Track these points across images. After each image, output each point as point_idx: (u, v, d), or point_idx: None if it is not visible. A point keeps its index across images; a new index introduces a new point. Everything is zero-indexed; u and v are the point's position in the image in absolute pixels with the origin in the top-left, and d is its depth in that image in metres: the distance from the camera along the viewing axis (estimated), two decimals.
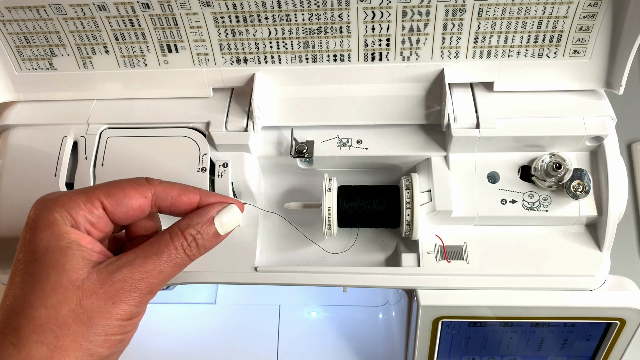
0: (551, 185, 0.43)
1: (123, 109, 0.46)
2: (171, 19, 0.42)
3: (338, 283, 0.44)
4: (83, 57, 0.45)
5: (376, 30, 0.42)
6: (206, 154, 0.43)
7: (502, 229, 0.44)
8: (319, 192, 0.45)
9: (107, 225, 0.33)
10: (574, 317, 0.44)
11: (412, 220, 0.42)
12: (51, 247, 0.30)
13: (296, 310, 0.68)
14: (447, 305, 0.43)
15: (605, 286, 0.43)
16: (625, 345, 0.45)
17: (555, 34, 0.42)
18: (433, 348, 0.47)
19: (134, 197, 0.33)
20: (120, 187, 0.33)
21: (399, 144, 0.45)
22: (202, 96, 0.46)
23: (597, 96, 0.44)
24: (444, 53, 0.43)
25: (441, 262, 0.43)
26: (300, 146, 0.44)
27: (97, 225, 0.32)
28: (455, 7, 0.40)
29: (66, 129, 0.45)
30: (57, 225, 0.31)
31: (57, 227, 0.31)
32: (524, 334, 0.47)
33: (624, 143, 0.78)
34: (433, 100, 0.44)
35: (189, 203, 0.35)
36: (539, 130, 0.42)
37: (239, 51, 0.44)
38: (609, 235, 0.42)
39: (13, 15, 0.42)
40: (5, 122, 0.46)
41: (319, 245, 0.46)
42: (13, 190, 0.43)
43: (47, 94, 0.47)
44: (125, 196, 0.33)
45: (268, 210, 0.46)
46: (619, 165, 0.43)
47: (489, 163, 0.44)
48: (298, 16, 0.41)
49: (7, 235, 0.43)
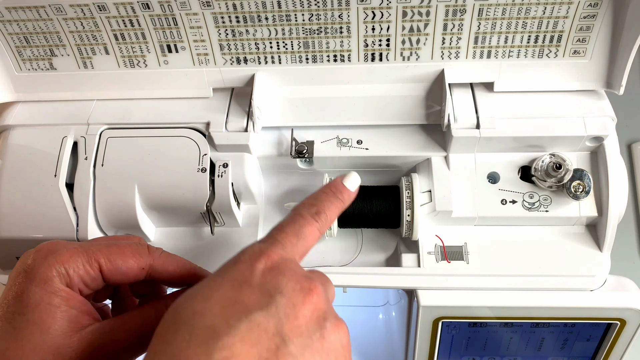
0: (551, 186, 0.43)
1: (123, 109, 0.46)
2: (171, 19, 0.42)
3: (338, 283, 0.44)
4: (83, 57, 0.45)
5: (376, 31, 0.42)
6: (206, 154, 0.43)
7: (503, 229, 0.44)
8: None
9: (99, 284, 0.33)
10: (574, 317, 0.44)
11: (412, 220, 0.42)
12: (42, 304, 0.30)
13: None
14: (447, 306, 0.43)
15: (606, 286, 0.43)
16: (626, 345, 0.45)
17: (555, 34, 0.42)
18: (433, 348, 0.47)
19: (132, 267, 0.33)
20: (122, 254, 0.33)
21: (399, 144, 0.45)
22: (202, 96, 0.46)
23: (597, 96, 0.44)
24: (444, 53, 0.43)
25: (441, 262, 0.43)
26: (301, 146, 0.44)
27: (90, 285, 0.33)
28: (456, 7, 0.40)
29: (66, 129, 0.45)
30: (52, 283, 0.31)
31: (52, 285, 0.30)
32: (524, 334, 0.47)
33: (624, 143, 0.78)
34: (433, 100, 0.44)
35: (184, 282, 0.35)
36: (539, 131, 0.42)
37: (239, 51, 0.44)
38: (609, 235, 0.42)
39: (13, 16, 0.42)
40: (5, 122, 0.46)
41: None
42: (13, 190, 0.43)
43: (47, 94, 0.47)
44: (124, 264, 0.33)
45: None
46: (619, 165, 0.43)
47: (489, 163, 0.44)
48: (298, 16, 0.41)
49: (7, 236, 0.43)
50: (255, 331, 0.25)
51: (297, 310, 0.26)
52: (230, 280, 0.27)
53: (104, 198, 0.43)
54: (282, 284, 0.27)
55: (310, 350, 0.26)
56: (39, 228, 0.43)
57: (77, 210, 0.43)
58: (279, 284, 0.27)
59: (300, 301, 0.27)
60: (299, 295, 0.27)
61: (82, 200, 0.43)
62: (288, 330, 0.25)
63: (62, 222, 0.43)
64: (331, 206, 0.34)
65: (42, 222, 0.43)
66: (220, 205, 0.43)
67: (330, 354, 0.27)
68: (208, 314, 0.25)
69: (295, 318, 0.26)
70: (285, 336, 0.25)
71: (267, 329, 0.25)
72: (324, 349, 0.26)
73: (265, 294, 0.26)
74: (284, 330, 0.25)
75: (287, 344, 0.25)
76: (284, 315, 0.26)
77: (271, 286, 0.27)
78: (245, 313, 0.25)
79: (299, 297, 0.27)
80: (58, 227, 0.43)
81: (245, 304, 0.26)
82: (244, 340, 0.24)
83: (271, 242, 0.30)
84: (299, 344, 0.25)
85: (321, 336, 0.27)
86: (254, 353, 0.24)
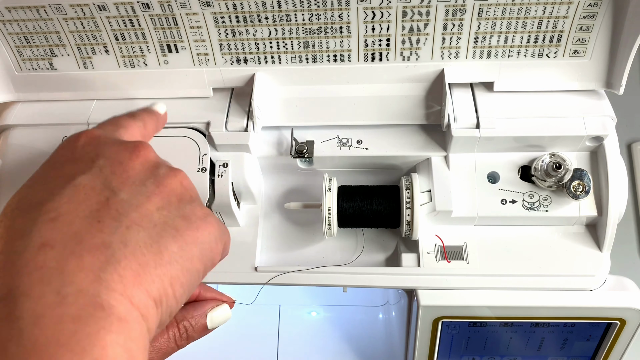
0: (551, 186, 0.43)
1: (123, 109, 0.46)
2: (171, 19, 0.42)
3: (338, 283, 0.44)
4: (83, 57, 0.45)
5: (376, 31, 0.42)
6: (206, 154, 0.43)
7: (502, 229, 0.44)
8: (319, 192, 0.45)
9: None
10: (574, 317, 0.44)
11: (412, 220, 0.42)
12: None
13: (296, 310, 0.68)
14: (447, 306, 0.43)
15: (606, 286, 0.43)
16: (625, 345, 0.45)
17: (555, 34, 0.42)
18: (433, 348, 0.47)
19: None
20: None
21: (399, 144, 0.45)
22: (202, 96, 0.46)
23: (597, 96, 0.44)
24: (444, 53, 0.43)
25: (441, 262, 0.43)
26: (300, 146, 0.44)
27: None
28: (455, 7, 0.40)
29: (66, 129, 0.45)
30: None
31: None
32: (524, 334, 0.47)
33: (624, 143, 0.78)
34: (433, 100, 0.44)
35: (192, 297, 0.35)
36: (539, 130, 0.42)
37: (239, 51, 0.44)
38: (609, 235, 0.42)
39: (13, 15, 0.42)
40: (5, 122, 0.46)
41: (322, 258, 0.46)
42: (13, 190, 0.43)
43: (47, 94, 0.47)
44: None
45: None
46: (619, 165, 0.43)
47: (489, 163, 0.44)
48: (298, 16, 0.41)
49: None
50: (81, 192, 0.24)
51: (125, 165, 0.26)
52: (51, 163, 0.27)
53: None
54: (105, 150, 0.27)
55: (145, 194, 0.25)
56: None
57: None
58: (101, 151, 0.27)
59: (127, 157, 0.27)
60: (124, 153, 0.27)
61: None
62: (117, 183, 0.25)
63: None
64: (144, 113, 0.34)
65: None
66: (220, 205, 0.43)
67: (171, 194, 0.26)
68: (31, 194, 0.25)
69: (124, 171, 0.26)
70: (114, 188, 0.25)
71: (94, 187, 0.25)
72: (161, 192, 0.26)
73: (88, 162, 0.26)
74: (113, 183, 0.25)
75: (118, 193, 0.25)
76: (110, 172, 0.25)
77: (93, 154, 0.26)
78: (69, 180, 0.25)
79: (125, 154, 0.27)
80: None
81: (68, 174, 0.25)
82: (70, 200, 0.24)
83: (88, 129, 0.29)
84: (130, 192, 0.25)
85: (155, 181, 0.26)
86: (82, 209, 0.24)
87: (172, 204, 0.26)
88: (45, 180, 0.26)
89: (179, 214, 0.26)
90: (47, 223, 0.23)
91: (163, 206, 0.26)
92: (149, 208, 0.25)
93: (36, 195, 0.25)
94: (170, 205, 0.26)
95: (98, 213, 0.24)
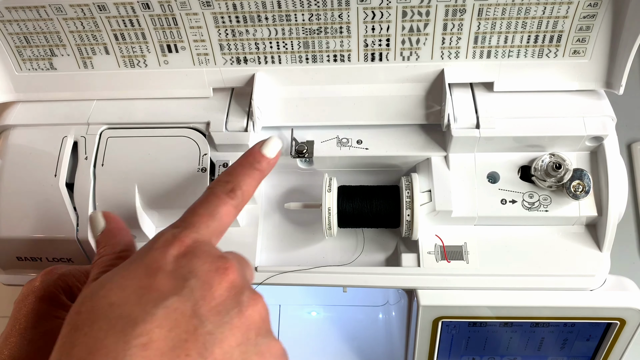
0: (551, 186, 0.43)
1: (123, 109, 0.46)
2: (171, 19, 0.42)
3: (338, 283, 0.44)
4: (83, 57, 0.45)
5: (376, 31, 0.42)
6: (206, 154, 0.43)
7: (502, 229, 0.44)
8: (319, 192, 0.45)
9: None
10: (574, 317, 0.44)
11: (412, 220, 0.42)
12: (51, 317, 0.33)
13: (296, 310, 0.68)
14: (447, 305, 0.43)
15: (605, 286, 0.43)
16: (625, 345, 0.45)
17: (555, 34, 0.42)
18: (433, 348, 0.47)
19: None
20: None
21: (399, 144, 0.45)
22: (202, 96, 0.46)
23: (597, 96, 0.44)
24: (444, 53, 0.43)
25: (441, 262, 0.43)
26: (300, 146, 0.44)
27: None
28: (455, 7, 0.40)
29: (66, 129, 0.45)
30: (58, 299, 0.34)
31: (58, 300, 0.34)
32: (524, 334, 0.47)
33: (624, 143, 0.78)
34: (433, 100, 0.44)
35: None
36: (539, 130, 0.42)
37: (239, 51, 0.44)
38: (609, 235, 0.42)
39: (13, 16, 0.42)
40: (5, 122, 0.46)
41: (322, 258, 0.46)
42: (13, 190, 0.43)
43: (47, 94, 0.47)
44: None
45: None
46: (619, 165, 0.43)
47: (489, 163, 0.44)
48: (298, 16, 0.41)
49: (7, 235, 0.43)
50: (172, 316, 0.25)
51: (214, 290, 0.27)
52: (144, 269, 0.27)
53: (104, 198, 0.43)
54: (196, 268, 0.27)
55: (229, 326, 0.26)
56: (39, 228, 0.43)
57: (77, 210, 0.43)
58: (193, 268, 0.27)
59: (217, 281, 0.27)
60: (214, 276, 0.27)
61: (82, 200, 0.43)
62: (205, 311, 0.26)
63: (63, 222, 0.43)
64: (247, 179, 0.33)
65: (43, 222, 0.43)
66: None
67: (251, 328, 0.27)
68: (125, 304, 0.25)
69: (212, 298, 0.26)
70: (202, 316, 0.25)
71: (184, 313, 0.25)
72: (243, 324, 0.26)
73: (180, 279, 0.26)
74: (201, 311, 0.25)
75: (205, 323, 0.25)
76: (200, 297, 0.26)
77: (186, 271, 0.27)
78: (162, 299, 0.25)
79: (215, 278, 0.27)
80: (58, 227, 0.43)
81: (161, 291, 0.26)
82: (161, 325, 0.24)
83: (184, 227, 0.29)
84: (216, 322, 0.26)
85: (239, 312, 0.27)
86: (172, 336, 0.24)
87: (250, 340, 0.27)
88: (137, 290, 0.26)
89: (255, 350, 0.27)
90: (140, 351, 0.24)
91: (242, 342, 0.26)
92: (231, 344, 0.26)
93: (128, 309, 0.25)
94: (249, 342, 0.27)
95: (186, 344, 0.24)
